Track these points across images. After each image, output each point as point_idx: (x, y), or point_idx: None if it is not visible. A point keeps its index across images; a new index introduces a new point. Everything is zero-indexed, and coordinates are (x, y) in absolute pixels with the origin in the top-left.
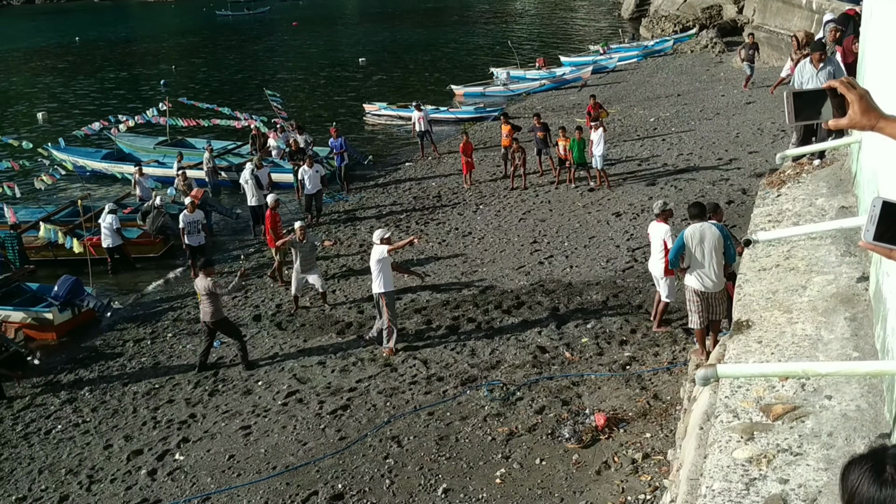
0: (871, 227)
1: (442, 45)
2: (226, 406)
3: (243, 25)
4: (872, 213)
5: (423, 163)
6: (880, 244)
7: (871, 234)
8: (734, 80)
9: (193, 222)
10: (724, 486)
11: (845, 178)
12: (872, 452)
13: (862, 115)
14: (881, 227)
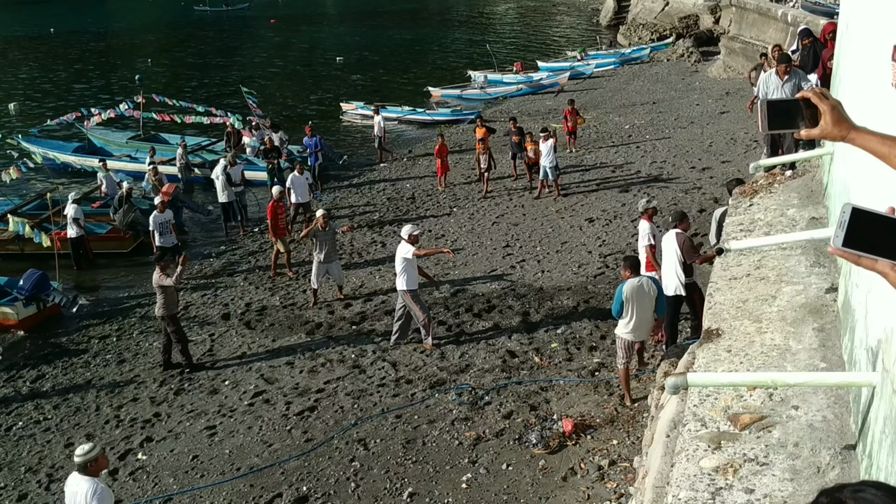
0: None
1: (420, 47)
2: (191, 405)
3: (221, 21)
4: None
5: (397, 164)
6: (849, 250)
7: (841, 239)
8: (709, 90)
9: (164, 223)
10: (690, 495)
11: (816, 190)
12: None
13: (833, 125)
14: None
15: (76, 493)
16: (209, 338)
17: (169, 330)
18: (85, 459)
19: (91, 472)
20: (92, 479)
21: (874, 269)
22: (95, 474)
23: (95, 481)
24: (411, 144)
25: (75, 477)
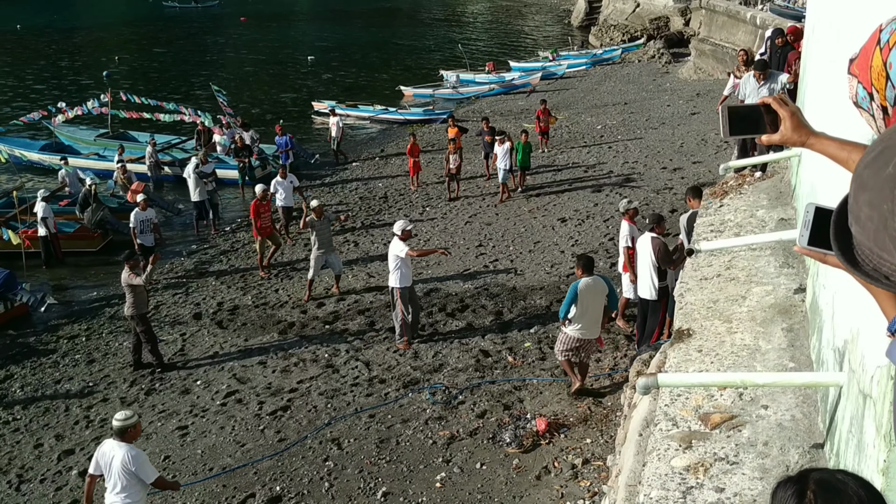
0: (805, 233)
1: (392, 46)
2: (162, 405)
3: (190, 18)
4: (806, 218)
5: (370, 163)
6: (814, 249)
7: (806, 238)
8: (680, 91)
9: (146, 220)
10: (661, 493)
11: (785, 191)
12: (799, 476)
13: (793, 131)
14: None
15: (112, 458)
16: (180, 337)
17: (138, 330)
18: (124, 426)
19: (128, 438)
20: (129, 445)
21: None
22: (132, 441)
23: (132, 447)
24: (383, 144)
25: (111, 443)
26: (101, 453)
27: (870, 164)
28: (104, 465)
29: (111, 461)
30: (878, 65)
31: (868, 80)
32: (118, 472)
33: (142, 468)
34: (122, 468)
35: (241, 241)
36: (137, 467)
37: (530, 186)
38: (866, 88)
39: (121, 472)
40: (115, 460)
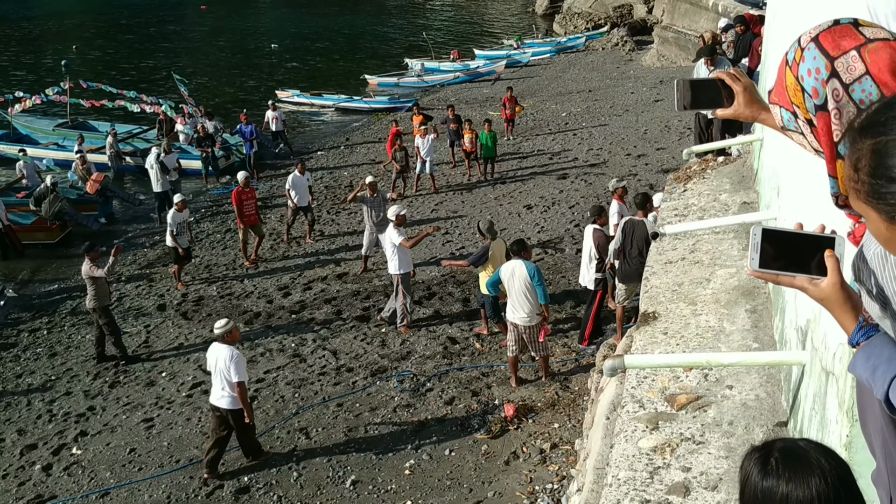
0: (755, 256)
1: (357, 34)
2: (127, 398)
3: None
4: (754, 241)
5: (335, 152)
6: (766, 271)
7: (757, 262)
8: (643, 78)
9: (182, 222)
10: (629, 474)
11: (747, 175)
12: (764, 444)
13: (745, 105)
14: (764, 254)
15: (217, 357)
16: (144, 329)
17: (101, 322)
18: (223, 331)
19: (228, 341)
20: (230, 346)
21: (793, 285)
22: (232, 343)
23: (232, 348)
24: (348, 132)
25: (216, 345)
26: (210, 354)
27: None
28: (212, 364)
29: (216, 361)
30: (791, 82)
31: (787, 100)
32: (221, 370)
33: (236, 366)
34: (225, 365)
35: (205, 231)
36: (233, 365)
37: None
38: (788, 110)
39: (224, 368)
40: (218, 360)
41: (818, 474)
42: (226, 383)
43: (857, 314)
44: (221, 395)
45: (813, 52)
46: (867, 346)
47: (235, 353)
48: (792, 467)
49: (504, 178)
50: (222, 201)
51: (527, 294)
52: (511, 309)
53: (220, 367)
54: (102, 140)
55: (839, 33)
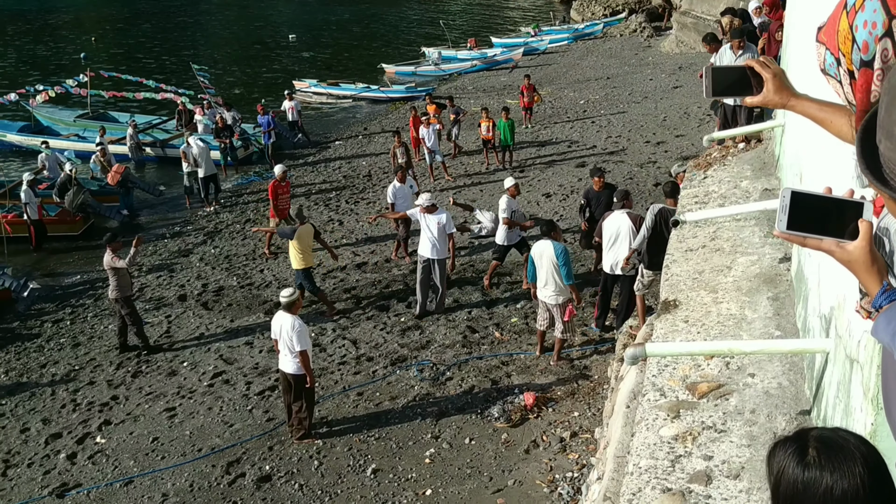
0: (783, 217)
1: (373, 23)
2: (149, 388)
3: None
4: (783, 203)
5: (353, 141)
6: (793, 233)
7: (784, 223)
8: (662, 65)
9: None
10: (650, 463)
11: (769, 161)
12: (797, 435)
13: (775, 93)
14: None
15: (282, 325)
16: (166, 319)
17: (123, 312)
18: (290, 301)
19: (293, 310)
20: (293, 316)
21: (820, 248)
22: (296, 312)
23: (296, 317)
24: (366, 122)
25: (281, 314)
26: (275, 322)
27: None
28: (276, 332)
29: (280, 329)
30: (844, 28)
31: (835, 45)
32: (286, 337)
33: (298, 335)
34: (287, 334)
35: (225, 221)
36: (295, 334)
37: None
38: (833, 54)
39: (287, 337)
40: (283, 328)
41: (861, 463)
42: (288, 350)
43: (881, 278)
44: (287, 361)
45: (874, 3)
46: (889, 310)
47: (298, 322)
48: (833, 457)
49: (522, 167)
50: (241, 192)
51: (553, 274)
52: (541, 286)
53: (284, 336)
54: (123, 131)
55: None
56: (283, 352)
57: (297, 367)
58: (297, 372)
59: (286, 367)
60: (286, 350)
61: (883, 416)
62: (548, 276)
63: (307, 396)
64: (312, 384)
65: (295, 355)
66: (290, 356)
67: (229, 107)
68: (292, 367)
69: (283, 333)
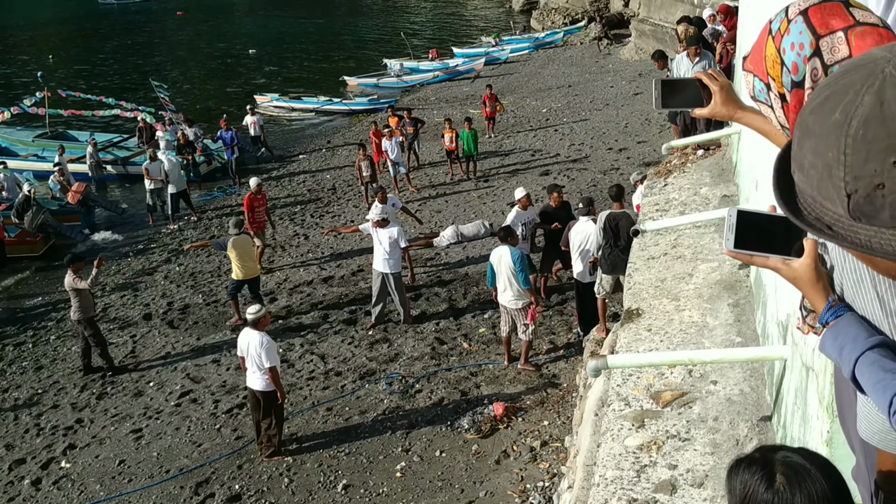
0: (730, 236)
1: (335, 36)
2: (115, 409)
3: (127, 14)
4: (730, 222)
5: (316, 155)
6: (740, 251)
7: (732, 242)
8: (622, 72)
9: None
10: (616, 473)
11: (727, 168)
12: (763, 457)
13: (722, 105)
14: (739, 235)
15: (249, 342)
16: (130, 339)
17: (86, 333)
18: (255, 317)
19: (260, 327)
20: (261, 332)
21: (767, 265)
22: (263, 329)
23: (263, 334)
24: (329, 135)
25: (248, 331)
26: (241, 339)
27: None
28: (243, 349)
29: (248, 346)
30: (771, 53)
31: (763, 70)
32: (254, 354)
33: (266, 352)
34: (255, 351)
35: (189, 238)
36: (263, 351)
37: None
38: (763, 80)
39: (255, 354)
40: (250, 345)
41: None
42: (257, 367)
43: (827, 294)
44: (255, 378)
45: (800, 25)
46: (835, 326)
47: (265, 338)
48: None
49: (486, 177)
50: (205, 208)
51: (511, 279)
52: (500, 291)
53: (252, 353)
54: (83, 150)
55: (829, 11)
56: (251, 369)
57: (266, 384)
58: (266, 389)
59: (254, 384)
60: (254, 367)
61: (838, 424)
62: (506, 282)
63: (276, 413)
64: (283, 400)
65: (263, 372)
66: (258, 373)
67: (191, 123)
68: (260, 385)
69: (251, 350)
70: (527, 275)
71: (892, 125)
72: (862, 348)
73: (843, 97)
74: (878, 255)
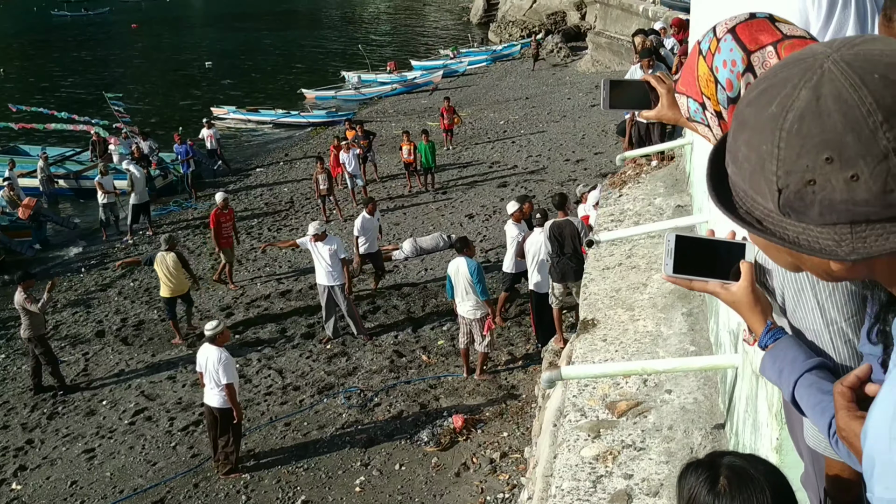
0: (669, 262)
1: (292, 49)
2: (67, 429)
3: (81, 26)
4: (668, 247)
5: (274, 168)
6: (680, 276)
7: (671, 267)
8: (579, 84)
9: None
10: (572, 485)
11: (680, 178)
12: (709, 461)
13: (668, 108)
14: (678, 260)
15: (207, 358)
16: (83, 357)
17: (37, 352)
18: (213, 333)
19: (218, 343)
20: (219, 348)
21: (706, 290)
22: (221, 345)
23: (222, 350)
24: (287, 148)
25: (207, 346)
26: (200, 355)
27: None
28: (202, 365)
29: (206, 362)
30: (704, 72)
31: (697, 90)
32: (212, 370)
33: (224, 368)
34: (213, 367)
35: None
36: (221, 367)
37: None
38: (697, 100)
39: (213, 370)
40: (208, 361)
41: (769, 493)
42: (214, 384)
43: (765, 317)
44: (212, 394)
45: (730, 43)
46: (774, 349)
47: (224, 355)
48: (743, 487)
49: (445, 189)
50: (160, 222)
51: (468, 289)
52: (458, 302)
53: (210, 369)
54: (34, 164)
55: (757, 27)
56: (209, 385)
57: (223, 401)
58: (223, 406)
59: (211, 400)
60: (212, 383)
61: (787, 431)
62: (464, 292)
63: (233, 430)
64: (240, 418)
65: (221, 388)
66: (215, 389)
67: (146, 136)
68: (217, 401)
69: (209, 366)
70: (484, 285)
71: (827, 121)
72: (800, 371)
73: (781, 90)
74: (804, 252)
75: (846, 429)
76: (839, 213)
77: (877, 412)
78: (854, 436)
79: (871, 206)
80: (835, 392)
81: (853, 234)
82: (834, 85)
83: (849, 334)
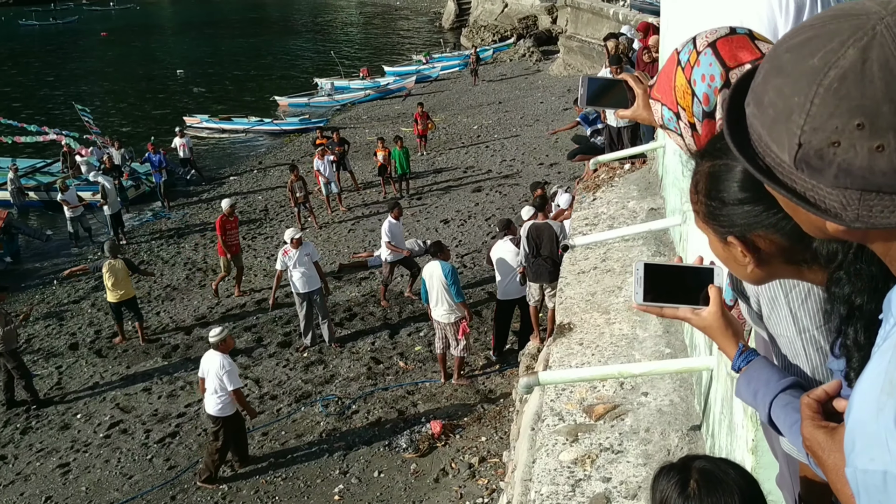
0: (639, 290)
1: (264, 56)
2: (40, 444)
3: (49, 35)
4: (637, 276)
5: (248, 176)
6: (650, 304)
7: (640, 296)
8: (552, 88)
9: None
10: (551, 489)
11: (654, 181)
12: (682, 464)
13: (644, 108)
14: (647, 288)
15: (211, 364)
16: (56, 370)
17: (9, 366)
18: (217, 340)
19: (222, 349)
20: (223, 355)
21: (676, 316)
22: (225, 351)
23: (225, 356)
24: (261, 156)
25: (211, 353)
26: (204, 361)
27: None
28: (204, 371)
29: (209, 368)
30: (682, 84)
31: (673, 100)
32: (214, 376)
33: (229, 375)
34: (217, 374)
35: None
36: (225, 374)
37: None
38: (672, 109)
39: (216, 376)
40: (211, 369)
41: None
42: (218, 390)
43: (737, 340)
44: (210, 401)
45: (710, 58)
46: (748, 371)
47: (227, 361)
48: (713, 490)
49: (420, 194)
50: (134, 233)
51: (443, 293)
52: (433, 306)
53: (212, 376)
54: (3, 176)
55: (737, 43)
56: (209, 391)
57: (218, 408)
58: (218, 413)
59: (209, 407)
60: (212, 390)
61: (762, 432)
62: (438, 296)
63: (223, 439)
64: (253, 417)
65: (221, 395)
66: (213, 396)
67: (121, 145)
68: (214, 408)
69: (212, 373)
70: (459, 288)
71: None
72: (775, 391)
73: (827, 43)
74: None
75: (811, 438)
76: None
77: (865, 383)
78: (818, 445)
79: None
80: (801, 403)
81: (861, 201)
82: (883, 50)
83: (821, 342)
